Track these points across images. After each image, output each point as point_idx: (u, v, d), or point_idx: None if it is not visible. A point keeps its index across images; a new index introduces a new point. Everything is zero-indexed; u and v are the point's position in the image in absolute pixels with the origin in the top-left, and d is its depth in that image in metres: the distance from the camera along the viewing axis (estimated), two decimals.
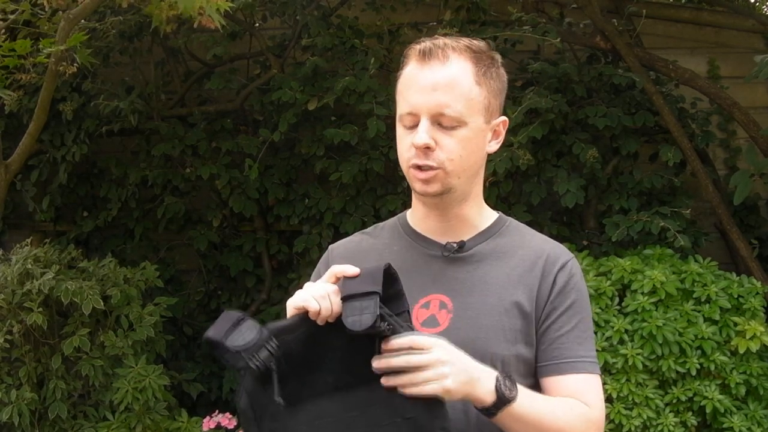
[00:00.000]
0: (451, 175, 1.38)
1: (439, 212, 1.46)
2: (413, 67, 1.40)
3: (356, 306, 1.23)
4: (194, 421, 3.68)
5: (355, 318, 1.22)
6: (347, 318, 1.22)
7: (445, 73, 1.37)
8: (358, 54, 4.10)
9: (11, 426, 3.57)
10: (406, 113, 1.39)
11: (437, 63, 1.37)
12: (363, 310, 1.22)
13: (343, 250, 1.55)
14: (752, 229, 4.22)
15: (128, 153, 4.64)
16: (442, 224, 1.47)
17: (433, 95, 1.35)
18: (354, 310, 1.23)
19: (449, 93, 1.36)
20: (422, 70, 1.38)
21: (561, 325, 1.41)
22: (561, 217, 4.18)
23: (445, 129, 1.36)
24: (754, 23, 4.38)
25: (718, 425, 3.28)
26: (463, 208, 1.46)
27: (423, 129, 1.35)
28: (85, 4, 3.16)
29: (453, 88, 1.36)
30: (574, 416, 1.35)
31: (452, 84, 1.36)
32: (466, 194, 1.44)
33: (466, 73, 1.38)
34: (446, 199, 1.42)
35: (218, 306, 4.55)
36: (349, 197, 4.19)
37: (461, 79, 1.37)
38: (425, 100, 1.36)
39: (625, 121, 3.88)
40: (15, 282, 3.64)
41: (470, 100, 1.37)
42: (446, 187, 1.39)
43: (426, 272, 1.44)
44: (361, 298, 1.23)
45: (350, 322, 1.21)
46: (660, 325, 3.25)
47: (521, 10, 4.09)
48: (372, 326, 1.20)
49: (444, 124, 1.36)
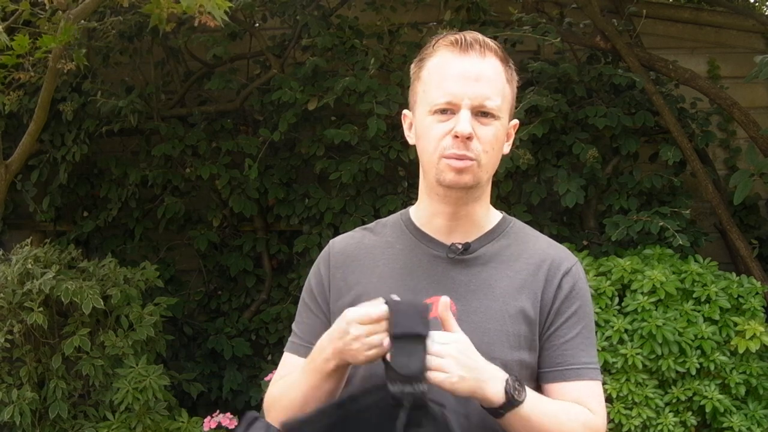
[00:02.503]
0: (483, 169, 1.38)
1: (451, 209, 1.43)
2: (447, 56, 1.38)
3: (405, 348, 1.19)
4: (194, 421, 3.68)
5: (403, 360, 1.18)
6: (395, 359, 1.19)
7: (486, 66, 1.37)
8: (358, 54, 4.10)
9: (12, 425, 3.57)
10: (443, 102, 1.36)
11: (476, 55, 1.37)
12: (411, 355, 1.19)
13: (344, 246, 1.53)
14: (752, 229, 4.22)
15: (128, 153, 4.64)
16: (450, 223, 1.45)
17: (477, 85, 1.35)
18: (403, 351, 1.19)
19: (491, 86, 1.36)
20: (461, 60, 1.37)
21: (565, 332, 1.41)
22: (561, 217, 4.18)
23: (482, 121, 1.36)
24: (754, 23, 4.38)
25: (718, 425, 3.28)
26: (475, 206, 1.45)
27: (465, 119, 1.34)
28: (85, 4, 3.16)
29: (493, 82, 1.37)
30: (578, 423, 1.35)
31: (492, 77, 1.37)
32: (482, 192, 1.45)
33: (500, 71, 1.39)
34: (469, 194, 1.41)
35: (218, 306, 4.55)
36: (349, 197, 4.19)
37: (499, 75, 1.38)
38: (468, 89, 1.35)
39: (625, 121, 3.88)
40: (15, 282, 3.64)
41: (504, 97, 1.39)
42: (476, 180, 1.39)
43: (430, 273, 1.42)
44: (408, 340, 1.20)
45: (398, 364, 1.18)
46: (660, 325, 3.25)
47: (521, 10, 4.10)
48: (421, 371, 1.17)
49: (482, 116, 1.36)
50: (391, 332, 1.21)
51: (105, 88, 4.29)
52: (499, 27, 4.08)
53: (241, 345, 4.33)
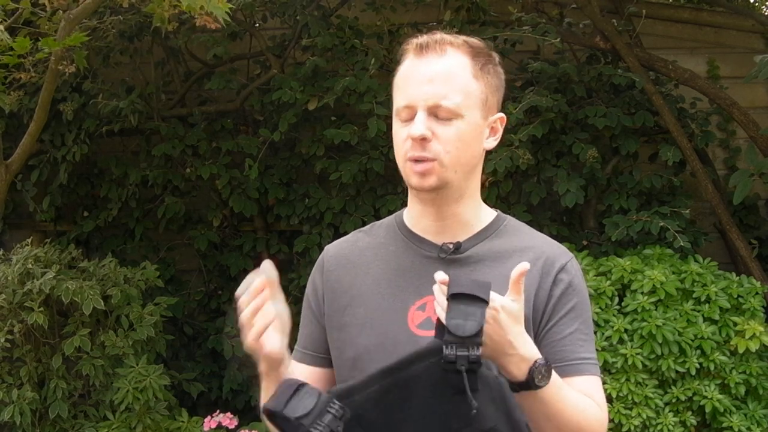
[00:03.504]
0: (448, 169, 1.36)
1: (434, 210, 1.44)
2: (410, 61, 1.39)
3: (461, 309, 1.16)
4: (195, 421, 3.68)
5: (458, 322, 1.16)
6: (451, 320, 1.16)
7: (443, 65, 1.36)
8: (358, 54, 4.10)
9: (12, 425, 3.57)
10: (402, 106, 1.37)
11: (434, 55, 1.37)
12: (468, 316, 1.16)
13: (338, 250, 1.54)
14: (752, 229, 4.22)
15: (128, 153, 4.64)
16: (438, 223, 1.45)
17: (430, 86, 1.35)
18: (459, 312, 1.16)
19: (446, 84, 1.35)
20: (419, 63, 1.37)
21: (563, 328, 1.40)
22: (561, 217, 4.18)
23: (441, 121, 1.35)
24: (754, 23, 4.38)
25: (718, 425, 3.28)
26: (459, 206, 1.44)
27: (420, 120, 1.34)
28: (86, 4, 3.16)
29: (450, 80, 1.35)
30: (590, 414, 1.36)
31: (449, 75, 1.36)
32: (462, 191, 1.42)
33: (463, 67, 1.37)
34: (442, 195, 1.40)
35: (218, 306, 4.55)
36: (349, 197, 4.20)
37: (458, 72, 1.37)
38: (422, 91, 1.35)
39: (624, 121, 3.88)
40: (15, 282, 3.64)
41: (467, 93, 1.36)
42: (442, 181, 1.37)
43: (422, 273, 1.42)
44: (468, 301, 1.17)
45: (453, 325, 1.15)
46: (660, 325, 3.26)
47: (521, 10, 4.10)
48: (476, 335, 1.14)
49: (440, 116, 1.35)
50: (448, 294, 1.19)
51: (105, 88, 4.29)
52: (499, 27, 4.08)
53: (241, 345, 4.32)
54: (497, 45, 3.98)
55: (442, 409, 1.20)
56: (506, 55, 4.07)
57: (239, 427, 3.67)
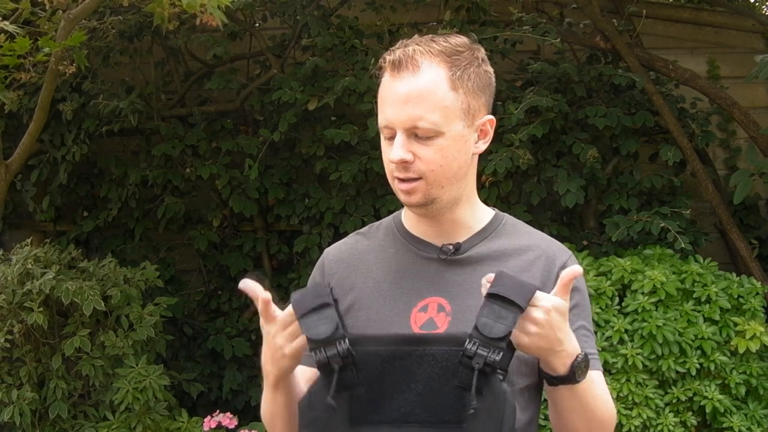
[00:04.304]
0: (434, 186, 1.36)
1: (429, 218, 1.44)
2: (387, 79, 1.38)
3: (495, 310, 1.17)
4: (194, 421, 3.68)
5: (488, 321, 1.17)
6: (481, 318, 1.18)
7: (416, 84, 1.33)
8: (358, 54, 4.10)
9: (12, 426, 3.57)
10: (383, 126, 1.38)
11: (408, 74, 1.34)
12: (499, 319, 1.17)
13: (337, 253, 1.54)
14: (752, 229, 4.22)
15: (128, 153, 4.64)
16: (436, 228, 1.45)
17: (405, 109, 1.33)
18: (492, 312, 1.18)
19: (421, 104, 1.33)
20: (394, 83, 1.35)
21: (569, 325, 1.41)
22: (561, 217, 4.18)
23: (421, 140, 1.34)
24: (754, 23, 4.38)
25: (718, 425, 3.28)
26: (455, 212, 1.44)
27: (398, 144, 1.34)
28: (85, 4, 3.16)
29: (425, 99, 1.33)
30: (610, 408, 1.39)
31: (423, 95, 1.33)
32: (455, 199, 1.42)
33: (439, 80, 1.34)
34: (432, 209, 1.40)
35: (218, 306, 4.55)
36: (349, 197, 4.19)
37: (434, 88, 1.34)
38: (398, 114, 1.34)
39: (625, 121, 3.88)
40: (15, 282, 3.64)
41: (445, 108, 1.34)
42: (429, 198, 1.37)
43: (423, 275, 1.42)
44: (505, 304, 1.18)
45: (482, 324, 1.17)
46: (660, 325, 3.26)
47: (521, 10, 4.10)
48: (501, 339, 1.15)
49: (420, 136, 1.34)
50: (487, 292, 1.20)
51: (105, 88, 4.29)
52: (499, 27, 4.07)
53: (241, 345, 4.33)
54: (497, 45, 3.98)
55: (440, 397, 1.21)
56: (506, 55, 4.07)
57: (239, 427, 3.67)
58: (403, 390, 1.22)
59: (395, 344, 1.24)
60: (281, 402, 1.37)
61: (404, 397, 1.22)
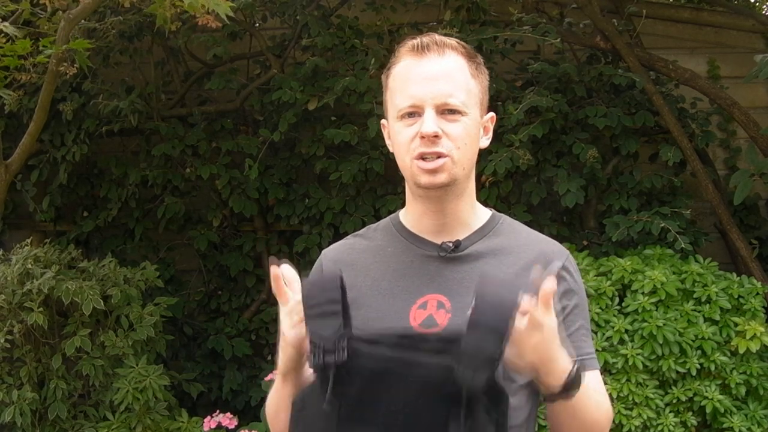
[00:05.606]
0: (458, 165, 1.39)
1: (436, 208, 1.45)
2: (408, 62, 1.41)
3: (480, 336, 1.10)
4: (194, 421, 3.68)
5: (467, 372, 1.10)
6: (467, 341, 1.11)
7: (445, 64, 1.39)
8: (358, 54, 4.10)
9: (12, 426, 3.57)
10: (407, 106, 1.38)
11: (435, 55, 1.39)
12: (477, 368, 1.10)
13: (335, 253, 1.54)
14: (752, 229, 4.22)
15: (128, 153, 4.64)
16: (438, 222, 1.46)
17: (436, 85, 1.37)
18: (471, 360, 1.10)
19: (451, 82, 1.38)
20: (420, 63, 1.39)
21: (568, 325, 1.42)
22: (561, 217, 4.18)
23: (449, 118, 1.37)
24: (754, 23, 4.38)
25: (718, 425, 3.28)
26: (459, 204, 1.45)
27: (430, 118, 1.36)
28: (85, 4, 3.16)
29: (454, 78, 1.38)
30: (603, 409, 1.39)
31: (452, 74, 1.38)
32: (463, 189, 1.45)
33: (462, 67, 1.41)
34: (449, 192, 1.42)
35: (218, 306, 4.55)
36: (349, 197, 4.19)
37: (461, 70, 1.40)
38: (428, 90, 1.37)
39: (625, 121, 3.88)
40: (15, 282, 3.64)
41: (468, 92, 1.40)
42: (452, 178, 1.39)
43: (422, 273, 1.43)
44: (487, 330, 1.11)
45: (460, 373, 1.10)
46: (660, 326, 3.25)
47: (521, 10, 4.09)
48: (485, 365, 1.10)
49: (448, 114, 1.37)
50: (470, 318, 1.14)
51: (105, 88, 4.29)
52: (499, 27, 4.07)
53: (241, 345, 4.33)
54: (497, 45, 3.98)
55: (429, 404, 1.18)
56: (506, 55, 4.07)
57: (239, 427, 3.67)
58: (397, 391, 1.19)
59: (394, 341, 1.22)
60: (287, 395, 1.35)
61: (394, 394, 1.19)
